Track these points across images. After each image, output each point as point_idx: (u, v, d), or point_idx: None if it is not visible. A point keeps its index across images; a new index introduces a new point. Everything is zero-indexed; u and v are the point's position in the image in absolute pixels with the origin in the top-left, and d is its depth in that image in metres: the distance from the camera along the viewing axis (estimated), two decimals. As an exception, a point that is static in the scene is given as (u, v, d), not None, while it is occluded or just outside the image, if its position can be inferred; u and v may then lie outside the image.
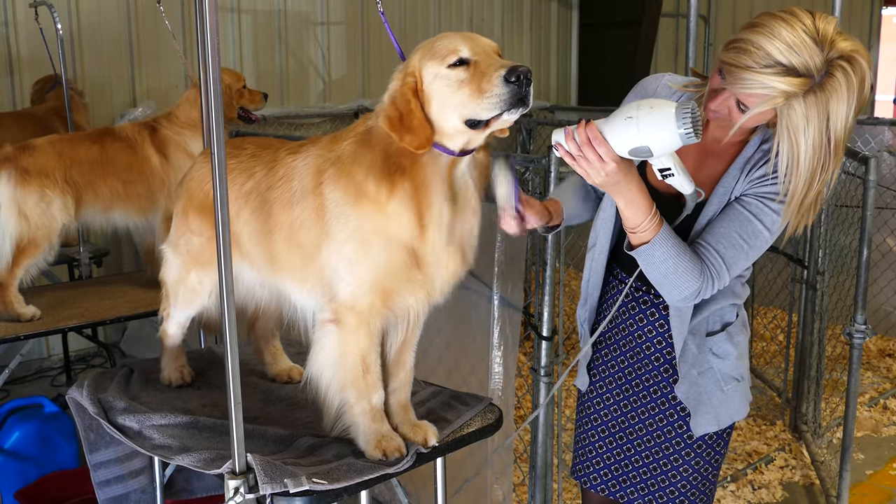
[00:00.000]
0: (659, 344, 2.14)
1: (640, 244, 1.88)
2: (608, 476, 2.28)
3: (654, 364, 2.16)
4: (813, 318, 4.34)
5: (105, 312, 3.39)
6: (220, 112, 1.70)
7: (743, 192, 1.94)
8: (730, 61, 1.77)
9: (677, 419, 2.15)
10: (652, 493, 2.21)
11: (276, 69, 6.62)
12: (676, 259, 1.86)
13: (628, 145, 1.73)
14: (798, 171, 1.80)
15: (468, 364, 3.09)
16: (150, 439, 2.11)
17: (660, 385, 2.16)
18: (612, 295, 2.20)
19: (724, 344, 2.11)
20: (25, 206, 3.21)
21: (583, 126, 1.77)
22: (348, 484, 1.85)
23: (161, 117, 3.71)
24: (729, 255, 1.90)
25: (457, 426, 2.16)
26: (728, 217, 1.92)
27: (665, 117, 1.68)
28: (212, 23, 1.63)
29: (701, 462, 2.17)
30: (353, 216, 1.90)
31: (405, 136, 1.82)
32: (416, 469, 2.01)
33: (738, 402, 2.14)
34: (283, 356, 2.55)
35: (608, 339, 2.25)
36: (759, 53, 1.74)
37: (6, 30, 5.33)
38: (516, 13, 8.30)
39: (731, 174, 1.96)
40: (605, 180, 1.80)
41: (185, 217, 2.33)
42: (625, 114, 1.73)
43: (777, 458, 4.22)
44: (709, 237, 1.92)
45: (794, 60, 1.72)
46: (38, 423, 3.55)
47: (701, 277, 1.89)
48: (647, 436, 2.20)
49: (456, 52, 1.79)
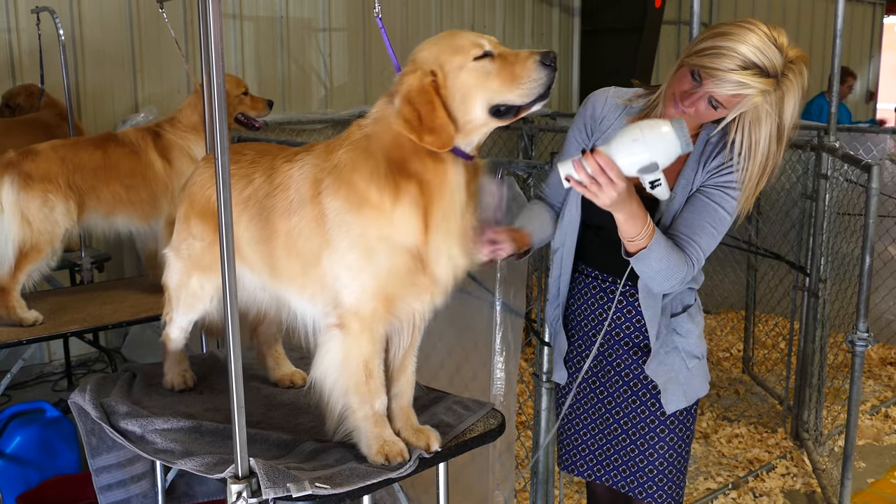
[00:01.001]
0: (628, 329, 2.31)
1: (638, 250, 2.05)
2: (593, 461, 2.43)
3: (625, 348, 2.33)
4: (815, 326, 4.34)
5: (107, 317, 3.39)
6: (223, 117, 1.70)
7: (703, 183, 2.15)
8: (710, 65, 1.97)
9: (650, 397, 2.32)
10: (633, 472, 2.36)
11: (277, 75, 6.63)
12: (668, 257, 2.06)
13: (638, 164, 1.91)
14: (754, 160, 2.07)
15: (470, 369, 3.09)
16: (153, 444, 2.11)
17: (631, 368, 2.33)
18: (579, 288, 2.38)
19: (686, 323, 2.30)
20: (28, 212, 3.21)
21: (590, 155, 1.91)
22: (351, 488, 1.85)
23: (164, 122, 3.71)
24: (704, 242, 2.13)
25: (459, 431, 2.16)
26: (696, 209, 2.14)
27: (667, 134, 1.89)
28: (215, 29, 1.64)
29: (675, 438, 2.34)
30: (355, 224, 1.90)
31: (426, 136, 1.83)
32: (417, 474, 2.00)
33: (700, 378, 2.34)
34: (285, 361, 2.55)
35: (580, 331, 2.40)
36: (738, 57, 1.95)
37: (8, 36, 5.35)
38: (518, 19, 8.32)
39: (689, 167, 2.16)
40: (614, 201, 1.94)
41: (187, 222, 2.34)
42: (629, 136, 1.91)
43: (778, 466, 4.22)
44: (685, 229, 2.13)
45: (764, 62, 1.96)
46: (40, 428, 3.55)
47: (686, 266, 2.10)
48: (623, 418, 2.35)
49: (480, 45, 1.86)
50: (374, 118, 1.95)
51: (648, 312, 2.25)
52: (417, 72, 1.86)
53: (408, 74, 1.88)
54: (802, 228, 4.61)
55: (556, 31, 8.64)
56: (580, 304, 2.39)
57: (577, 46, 8.69)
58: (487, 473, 3.04)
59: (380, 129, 1.92)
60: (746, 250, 5.41)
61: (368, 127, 1.95)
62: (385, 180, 1.87)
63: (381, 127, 1.92)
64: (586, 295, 2.37)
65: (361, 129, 1.96)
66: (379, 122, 1.93)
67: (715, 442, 4.50)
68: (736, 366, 5.67)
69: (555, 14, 8.59)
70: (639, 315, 2.28)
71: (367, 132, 1.94)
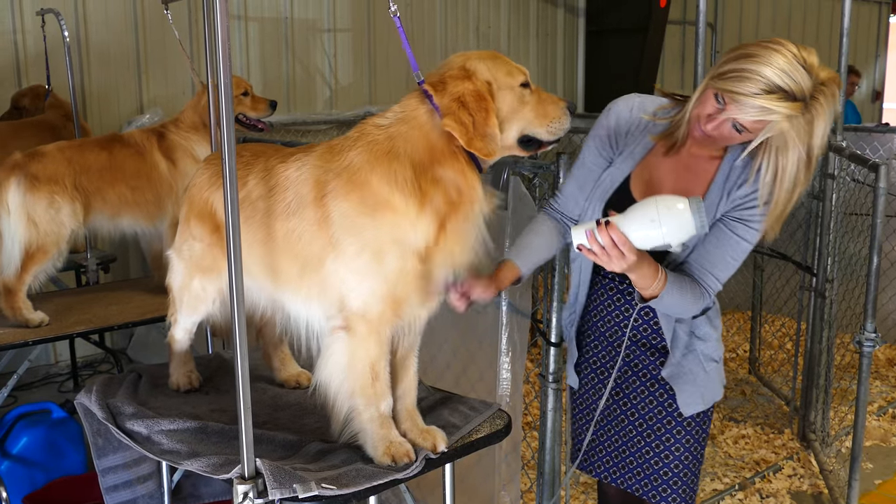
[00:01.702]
0: (646, 331, 2.28)
1: (651, 298, 2.06)
2: (609, 463, 2.40)
3: (642, 349, 2.29)
4: (822, 327, 4.32)
5: (112, 318, 3.39)
6: (231, 118, 1.70)
7: (726, 212, 2.09)
8: (733, 89, 1.90)
9: (667, 399, 2.28)
10: (647, 475, 2.33)
11: (282, 76, 6.64)
12: (681, 298, 2.06)
13: (651, 243, 1.91)
14: (781, 186, 1.98)
15: (476, 370, 3.08)
16: (159, 444, 2.11)
17: (648, 369, 2.29)
18: (596, 292, 2.33)
19: (705, 327, 2.26)
20: (35, 213, 3.21)
21: (604, 228, 1.90)
22: (357, 489, 1.84)
23: (168, 123, 3.72)
24: (723, 274, 2.12)
25: (465, 432, 2.16)
26: (718, 240, 2.09)
27: (683, 213, 1.87)
28: (223, 30, 1.64)
29: (691, 440, 2.31)
30: (367, 227, 1.89)
31: (476, 141, 1.87)
32: (423, 475, 2.00)
33: (717, 382, 2.31)
34: (291, 362, 2.55)
35: (592, 333, 2.36)
36: (762, 81, 1.87)
37: (14, 37, 5.36)
38: (522, 20, 8.31)
39: (713, 192, 2.10)
40: (624, 270, 1.96)
41: (188, 224, 2.34)
42: (646, 216, 1.89)
43: (785, 467, 4.20)
44: (704, 262, 2.10)
45: (791, 85, 1.87)
46: (46, 429, 3.56)
47: (702, 299, 2.10)
48: (639, 419, 2.32)
49: (525, 74, 1.98)
50: (400, 118, 1.93)
51: (663, 316, 2.23)
52: (474, 79, 1.91)
53: (461, 80, 1.90)
54: (809, 228, 4.59)
55: (560, 31, 8.63)
56: (598, 308, 2.34)
57: (581, 47, 8.69)
58: (493, 474, 3.04)
59: (407, 129, 1.91)
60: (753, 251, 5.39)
61: (393, 127, 1.93)
62: (412, 185, 1.87)
63: (410, 128, 1.91)
64: (603, 297, 2.32)
65: (383, 130, 1.93)
66: (408, 123, 1.92)
67: (721, 443, 4.49)
68: (742, 366, 5.66)
69: (560, 14, 8.58)
70: (657, 317, 2.25)
71: (392, 133, 1.92)
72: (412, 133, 1.90)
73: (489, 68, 1.94)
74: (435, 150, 1.89)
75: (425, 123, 1.91)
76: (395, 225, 1.88)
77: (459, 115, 1.86)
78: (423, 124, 1.91)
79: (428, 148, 1.89)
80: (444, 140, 1.90)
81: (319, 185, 1.96)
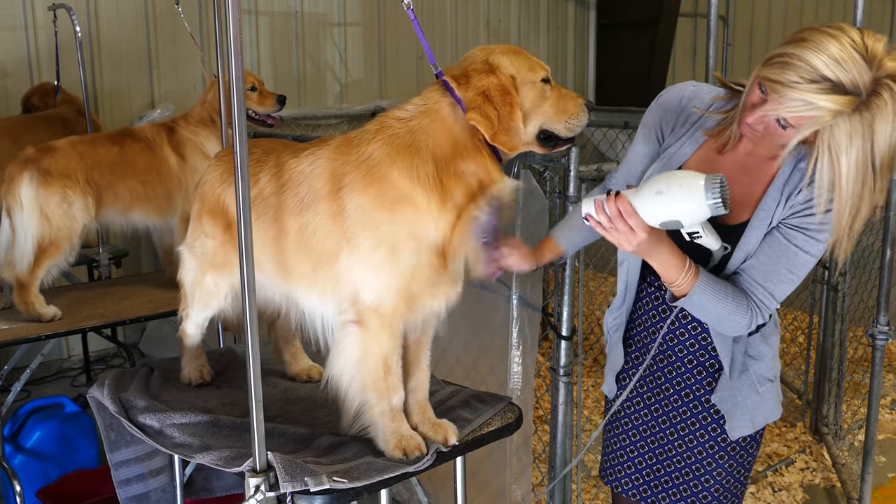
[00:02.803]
0: (693, 346, 2.11)
1: (682, 295, 1.90)
2: (640, 481, 2.25)
3: (688, 368, 2.12)
4: (834, 320, 4.30)
5: (125, 312, 3.40)
6: (242, 115, 1.70)
7: (783, 218, 1.89)
8: (773, 77, 1.70)
9: (711, 423, 2.12)
10: (684, 497, 2.18)
11: (293, 70, 6.64)
12: (718, 304, 1.88)
13: (659, 218, 1.78)
14: (840, 191, 1.73)
15: (487, 364, 3.08)
16: (171, 438, 2.12)
17: (693, 389, 2.13)
18: (642, 300, 2.18)
19: (760, 345, 2.07)
20: (47, 207, 3.22)
21: (612, 199, 1.81)
22: (368, 482, 1.84)
23: (178, 118, 3.73)
24: (779, 289, 1.91)
25: (476, 425, 2.15)
26: (774, 251, 1.89)
27: (695, 192, 1.72)
28: (234, 24, 1.64)
29: (734, 464, 2.15)
30: (384, 221, 1.87)
31: (501, 135, 1.86)
32: (434, 469, 2.00)
33: (772, 403, 2.13)
34: (302, 355, 2.56)
35: (638, 343, 2.21)
36: (805, 68, 1.66)
37: (25, 33, 5.38)
38: (533, 14, 8.29)
39: (770, 196, 1.90)
40: (636, 249, 1.84)
41: (200, 221, 2.34)
42: (654, 188, 1.77)
43: (797, 461, 4.18)
44: (756, 274, 1.90)
45: (841, 76, 1.65)
46: (59, 423, 3.58)
47: (748, 313, 1.90)
48: (678, 440, 2.16)
49: (545, 69, 1.96)
50: (422, 111, 1.92)
51: (719, 337, 2.04)
52: (498, 73, 1.90)
53: (485, 73, 1.89)
54: (821, 221, 4.55)
55: (571, 24, 8.60)
56: (640, 316, 2.19)
57: (592, 40, 8.65)
58: (505, 468, 3.04)
59: (429, 123, 1.90)
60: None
61: (414, 121, 1.91)
62: (433, 180, 1.86)
63: (432, 121, 1.90)
64: (648, 306, 2.17)
65: (404, 123, 1.92)
66: (430, 116, 1.91)
67: (733, 436, 4.48)
68: (754, 360, 5.63)
69: (570, 8, 8.55)
70: (705, 332, 2.07)
71: (413, 126, 1.91)
72: (434, 126, 1.89)
73: (512, 63, 1.93)
74: (458, 143, 1.89)
75: (448, 116, 1.90)
76: (415, 220, 1.87)
77: (485, 108, 1.85)
78: (446, 117, 1.90)
79: (451, 142, 1.88)
80: (466, 133, 1.89)
81: (335, 178, 1.94)
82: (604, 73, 8.65)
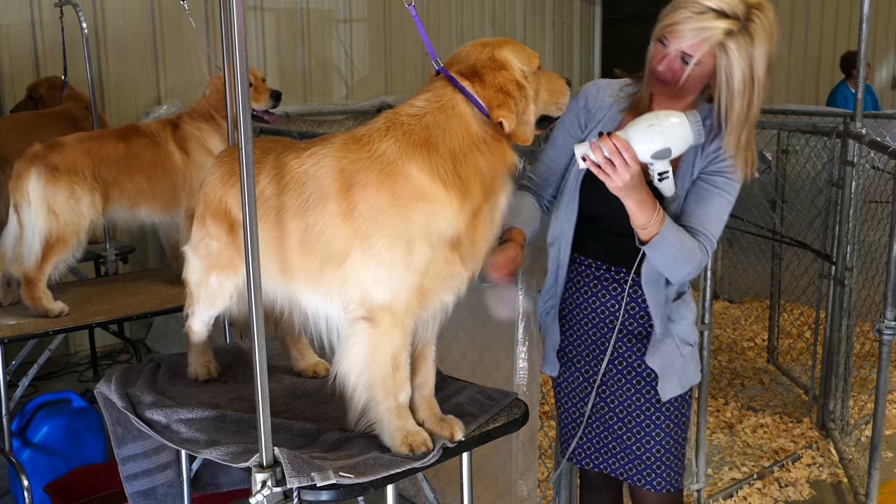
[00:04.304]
0: (624, 317, 2.33)
1: (651, 237, 2.09)
2: (591, 450, 2.46)
3: (619, 336, 2.34)
4: (841, 315, 4.29)
5: (131, 308, 3.41)
6: (248, 112, 1.70)
7: (703, 168, 2.19)
8: (669, 21, 2.06)
9: (645, 385, 2.34)
10: (631, 460, 2.39)
11: (298, 67, 6.65)
12: (681, 242, 2.11)
13: (653, 148, 2.00)
14: (732, 109, 2.09)
15: (493, 359, 3.08)
16: (178, 433, 2.13)
17: (625, 356, 2.35)
18: (573, 278, 2.40)
19: (682, 309, 2.33)
20: (55, 203, 3.23)
21: (607, 137, 1.99)
22: (375, 478, 1.85)
23: (183, 114, 3.73)
24: (714, 229, 2.18)
25: (483, 421, 2.15)
26: (703, 198, 2.18)
27: (681, 119, 1.99)
28: (239, 22, 1.64)
29: (671, 425, 2.36)
30: (400, 219, 1.86)
31: (520, 127, 1.93)
32: (440, 464, 2.00)
33: (693, 366, 2.36)
34: (309, 351, 2.56)
35: (572, 321, 2.42)
36: (692, 4, 2.03)
37: (32, 30, 5.39)
38: (538, 9, 8.28)
39: (687, 153, 2.16)
40: (626, 184, 2.00)
41: (203, 222, 2.33)
42: (645, 123, 2.00)
43: (804, 456, 4.18)
44: (694, 220, 2.17)
45: (722, 6, 2.02)
46: (67, 418, 3.60)
47: (700, 252, 2.15)
48: (618, 406, 2.37)
49: (538, 57, 2.04)
50: (436, 107, 1.92)
51: (653, 300, 2.26)
52: (509, 69, 1.94)
53: (497, 70, 1.93)
54: (828, 216, 4.55)
55: (577, 19, 8.59)
56: (573, 294, 2.40)
57: (598, 35, 8.64)
58: (510, 463, 3.04)
59: (446, 119, 1.90)
60: (771, 238, 5.36)
61: (429, 117, 1.91)
62: (452, 175, 1.87)
63: (449, 118, 1.91)
64: (579, 283, 2.39)
65: (418, 120, 1.92)
66: (445, 112, 1.91)
67: (740, 432, 4.48)
68: (760, 355, 5.63)
69: (575, 2, 8.54)
70: (634, 303, 2.31)
71: (428, 122, 1.91)
72: (452, 123, 1.90)
73: (516, 56, 1.98)
74: (476, 139, 1.90)
75: (465, 112, 1.91)
76: (433, 216, 1.86)
77: (509, 104, 1.90)
78: (462, 113, 1.91)
79: (468, 137, 1.90)
80: (483, 128, 1.92)
81: (344, 176, 1.92)
82: (610, 67, 8.63)
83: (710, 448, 4.21)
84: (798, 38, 8.61)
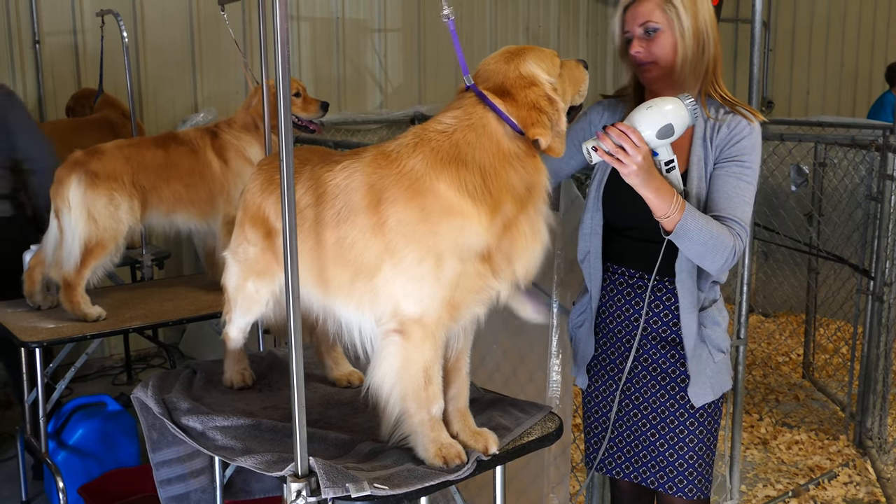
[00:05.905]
0: (656, 323, 2.32)
1: (674, 226, 2.09)
2: (620, 459, 2.44)
3: (652, 343, 2.33)
4: (880, 331, 4.22)
5: (167, 314, 3.45)
6: (289, 122, 1.72)
7: (717, 158, 2.22)
8: (620, 11, 2.24)
9: (679, 391, 2.33)
10: (662, 468, 2.37)
11: (333, 76, 6.69)
12: (708, 227, 2.10)
13: (656, 126, 2.05)
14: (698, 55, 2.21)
15: (526, 372, 3.07)
16: (214, 440, 2.14)
17: (658, 362, 2.34)
18: (606, 287, 2.40)
19: (715, 316, 2.33)
20: (94, 209, 3.27)
21: (610, 126, 2.05)
22: (409, 489, 1.85)
23: (222, 122, 3.76)
24: (740, 212, 2.18)
25: (517, 434, 2.15)
26: (724, 187, 2.20)
27: (676, 101, 2.08)
28: (282, 31, 1.65)
29: (703, 431, 2.35)
30: (429, 234, 1.88)
31: (555, 140, 1.95)
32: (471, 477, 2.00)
33: (725, 373, 2.36)
34: (344, 361, 2.57)
35: (606, 331, 2.41)
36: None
37: (74, 38, 5.48)
38: (572, 19, 8.27)
39: (697, 145, 2.23)
40: (640, 166, 2.01)
41: (242, 227, 2.36)
42: (643, 107, 2.08)
43: (840, 474, 4.11)
44: (718, 208, 2.18)
45: None
46: (102, 421, 3.63)
47: (732, 236, 2.13)
48: (651, 413, 2.36)
49: (558, 55, 2.07)
50: (467, 125, 1.93)
51: (685, 302, 2.26)
52: (539, 84, 1.96)
53: (527, 87, 1.95)
54: (867, 230, 4.48)
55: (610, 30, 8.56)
56: (607, 303, 2.40)
57: (633, 45, 8.59)
58: (542, 476, 3.02)
59: (476, 137, 1.92)
60: (807, 252, 5.29)
61: (458, 134, 1.93)
62: (482, 191, 1.88)
63: (479, 136, 1.92)
64: (612, 292, 2.38)
65: (447, 136, 1.93)
66: (475, 130, 1.92)
67: (774, 448, 4.41)
68: (796, 370, 5.55)
69: (610, 13, 8.51)
70: (667, 309, 2.31)
71: (457, 140, 1.92)
72: (482, 141, 1.91)
73: (542, 67, 1.99)
74: (507, 155, 1.91)
75: (496, 131, 1.92)
76: (461, 231, 1.87)
77: (543, 121, 1.92)
78: (493, 132, 1.92)
79: (498, 153, 1.91)
80: (515, 144, 1.93)
81: (373, 192, 1.94)
82: (644, 78, 8.58)
83: (744, 464, 4.16)
84: (834, 48, 8.51)
